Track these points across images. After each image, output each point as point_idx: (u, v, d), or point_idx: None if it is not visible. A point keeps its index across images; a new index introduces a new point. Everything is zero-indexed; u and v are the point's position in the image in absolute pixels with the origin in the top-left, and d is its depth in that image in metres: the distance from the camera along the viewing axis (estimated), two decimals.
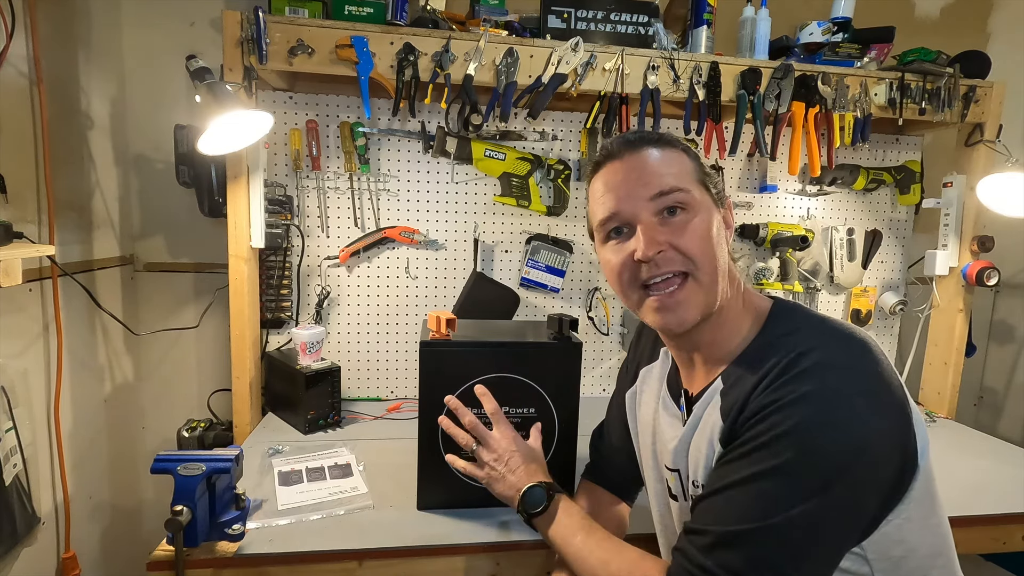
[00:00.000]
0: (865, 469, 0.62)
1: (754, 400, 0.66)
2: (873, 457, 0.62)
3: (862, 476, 0.62)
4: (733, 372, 0.73)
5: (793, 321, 0.73)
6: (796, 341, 0.68)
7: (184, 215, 1.69)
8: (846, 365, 0.64)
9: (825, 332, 0.69)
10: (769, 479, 0.62)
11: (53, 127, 1.34)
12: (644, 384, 0.93)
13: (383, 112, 1.61)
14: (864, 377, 0.64)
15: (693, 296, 0.72)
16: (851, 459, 0.61)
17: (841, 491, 0.61)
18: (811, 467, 0.61)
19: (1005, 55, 1.87)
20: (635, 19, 1.50)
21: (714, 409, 0.72)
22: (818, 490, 0.60)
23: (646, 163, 0.74)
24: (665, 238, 0.71)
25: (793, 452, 0.61)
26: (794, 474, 0.61)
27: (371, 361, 1.71)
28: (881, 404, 0.63)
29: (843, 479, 0.61)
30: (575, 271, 1.77)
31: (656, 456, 0.87)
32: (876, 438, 0.62)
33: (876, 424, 0.62)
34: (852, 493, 0.62)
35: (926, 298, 1.81)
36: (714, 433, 0.71)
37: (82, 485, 1.51)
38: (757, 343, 0.73)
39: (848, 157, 1.82)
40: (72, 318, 1.45)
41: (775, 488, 0.61)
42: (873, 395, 0.63)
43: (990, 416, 2.22)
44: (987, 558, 1.62)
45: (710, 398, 0.74)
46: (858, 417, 0.61)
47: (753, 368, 0.69)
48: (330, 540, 0.98)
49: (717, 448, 0.70)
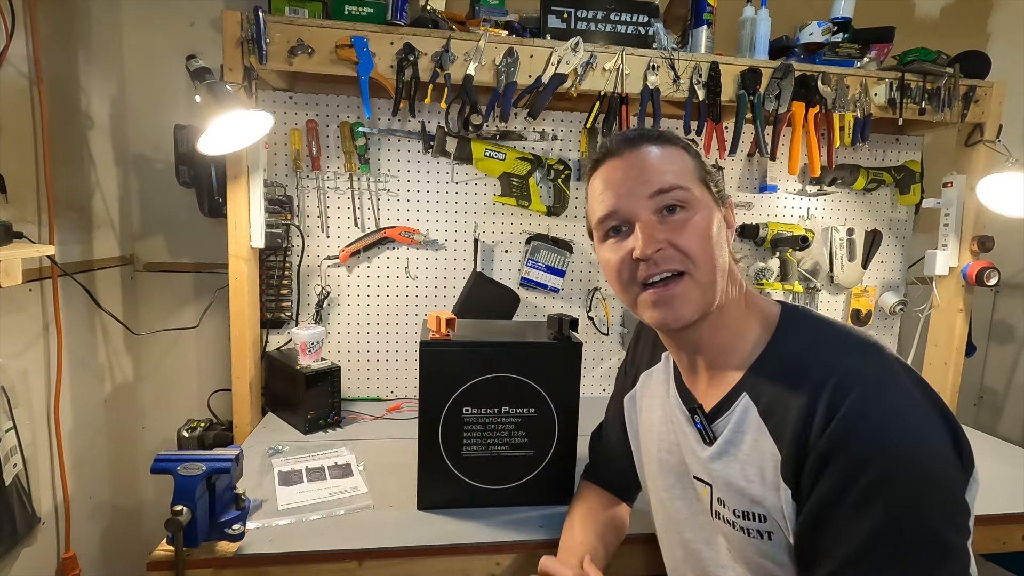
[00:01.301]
0: (953, 469, 0.62)
1: (820, 439, 0.62)
2: (949, 455, 0.62)
3: (955, 476, 0.62)
4: (758, 388, 0.71)
5: (809, 330, 0.72)
6: (827, 360, 0.66)
7: (184, 215, 1.69)
8: (889, 378, 0.64)
9: (848, 345, 0.68)
10: (899, 528, 0.59)
11: (53, 127, 1.34)
12: (645, 389, 0.92)
13: (383, 112, 1.61)
14: (906, 383, 0.64)
15: (690, 292, 0.70)
16: (944, 466, 0.61)
17: (950, 499, 0.61)
18: (923, 493, 0.59)
19: (1005, 55, 1.87)
20: (635, 19, 1.50)
21: (759, 436, 0.69)
22: (942, 509, 0.59)
23: (646, 160, 0.73)
24: (664, 236, 0.70)
25: (900, 487, 0.59)
26: (915, 508, 0.59)
27: (371, 361, 1.71)
28: (933, 403, 0.64)
29: (949, 487, 0.61)
30: (575, 271, 1.77)
31: (667, 463, 0.84)
32: (943, 437, 0.62)
33: (939, 424, 0.62)
34: (957, 496, 0.61)
35: (926, 298, 1.81)
36: (775, 465, 0.67)
37: (82, 485, 1.51)
38: (777, 354, 0.72)
39: (848, 157, 1.82)
40: (72, 318, 1.45)
41: (909, 531, 0.58)
42: (923, 398, 0.64)
43: (990, 416, 2.22)
44: (987, 558, 1.62)
45: (742, 419, 0.71)
46: (930, 423, 0.62)
47: (789, 387, 0.67)
48: (330, 540, 0.98)
49: (780, 483, 0.66)
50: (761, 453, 0.69)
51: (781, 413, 0.67)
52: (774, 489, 0.67)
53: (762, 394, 0.70)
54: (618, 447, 0.98)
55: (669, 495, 0.85)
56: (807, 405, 0.64)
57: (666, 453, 0.84)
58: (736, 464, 0.72)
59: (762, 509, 0.69)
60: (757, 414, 0.70)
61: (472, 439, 1.06)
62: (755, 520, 0.70)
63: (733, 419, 0.72)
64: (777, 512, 0.68)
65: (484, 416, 1.05)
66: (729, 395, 0.73)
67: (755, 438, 0.70)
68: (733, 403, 0.73)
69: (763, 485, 0.69)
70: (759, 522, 0.70)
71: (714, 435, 0.75)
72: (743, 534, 0.72)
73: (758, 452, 0.69)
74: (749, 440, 0.71)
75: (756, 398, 0.71)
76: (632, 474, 0.96)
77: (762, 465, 0.69)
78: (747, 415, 0.71)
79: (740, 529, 0.72)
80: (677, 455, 0.82)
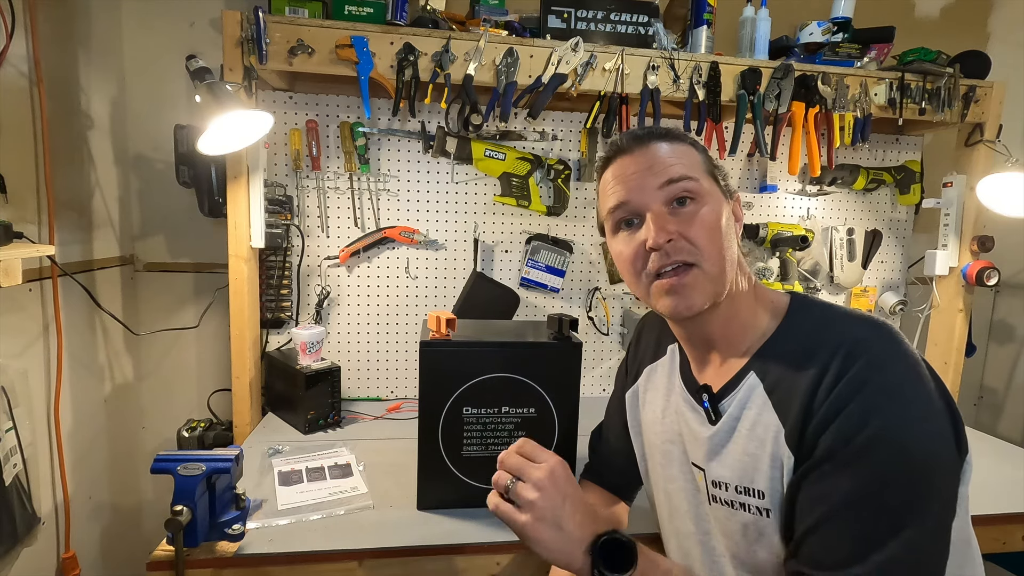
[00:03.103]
0: (947, 449, 0.63)
1: (824, 403, 0.63)
2: (946, 435, 0.63)
3: (947, 456, 0.63)
4: (766, 367, 0.72)
5: (820, 313, 0.73)
6: (837, 333, 0.67)
7: (184, 215, 1.69)
8: (898, 353, 0.65)
9: (859, 321, 0.69)
10: (880, 492, 0.60)
11: (53, 127, 1.34)
12: (648, 383, 0.92)
13: (383, 112, 1.61)
14: (914, 360, 0.65)
15: (700, 282, 0.71)
16: (939, 445, 0.62)
17: (938, 478, 0.62)
18: (913, 465, 0.60)
19: (1005, 55, 1.88)
20: (635, 19, 1.50)
21: (763, 410, 0.70)
22: (927, 484, 0.60)
23: (656, 154, 0.74)
24: (675, 227, 0.71)
25: (890, 454, 0.60)
26: (902, 478, 0.60)
27: (371, 361, 1.71)
28: (936, 384, 0.64)
29: (940, 467, 0.62)
30: (575, 271, 1.77)
31: (671, 454, 0.85)
32: (942, 417, 0.63)
33: (940, 404, 0.63)
34: (946, 477, 0.63)
35: (926, 298, 1.81)
36: (777, 436, 0.68)
37: (82, 485, 1.51)
38: (785, 336, 0.73)
39: (848, 157, 1.82)
40: (72, 318, 1.45)
41: (891, 498, 0.60)
42: (929, 377, 0.65)
43: (990, 416, 2.22)
44: (987, 558, 1.62)
45: (747, 396, 0.72)
46: (931, 401, 0.63)
47: (797, 364, 0.68)
48: (330, 540, 0.98)
49: (786, 453, 0.67)
50: (764, 426, 0.70)
51: (788, 387, 0.68)
52: (774, 461, 0.68)
53: (769, 372, 0.71)
54: (618, 446, 0.99)
55: (673, 487, 0.85)
56: (817, 374, 0.65)
57: (670, 444, 0.85)
58: (739, 439, 0.73)
59: (761, 485, 0.70)
60: (762, 389, 0.71)
61: (472, 439, 1.06)
62: (754, 496, 0.71)
63: (738, 396, 0.73)
64: (777, 483, 0.68)
65: (484, 416, 1.05)
66: (736, 376, 0.75)
67: (758, 412, 0.71)
68: (740, 382, 0.74)
69: (763, 458, 0.70)
70: (757, 499, 0.71)
71: (719, 414, 0.76)
72: (742, 511, 0.72)
73: (760, 425, 0.70)
74: (752, 415, 0.72)
75: (763, 376, 0.72)
76: (631, 473, 0.96)
77: (763, 438, 0.70)
78: (753, 392, 0.72)
79: (740, 506, 0.73)
80: (679, 445, 0.83)
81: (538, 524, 0.65)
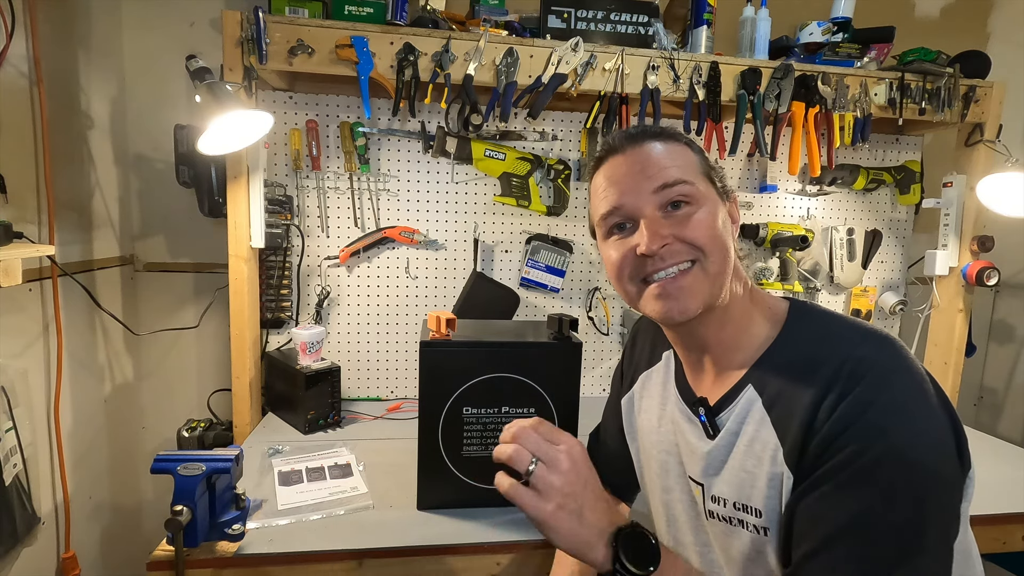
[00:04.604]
0: (951, 466, 0.62)
1: (827, 423, 0.61)
2: (950, 452, 0.62)
3: (952, 473, 0.62)
4: (764, 379, 0.70)
5: (820, 322, 0.71)
6: (839, 349, 0.65)
7: (184, 215, 1.69)
8: (901, 369, 0.63)
9: (861, 334, 0.67)
10: (884, 514, 0.58)
11: (53, 127, 1.34)
12: (644, 389, 0.91)
13: (383, 112, 1.61)
14: (919, 376, 0.63)
15: (697, 284, 0.69)
16: (943, 465, 0.61)
17: (944, 497, 0.61)
18: (918, 485, 0.59)
19: (1005, 55, 1.87)
20: (635, 19, 1.50)
21: (761, 426, 0.68)
22: (933, 504, 0.59)
23: (649, 156, 0.72)
24: (669, 231, 0.69)
25: (894, 473, 0.59)
26: (907, 500, 0.59)
27: (371, 361, 1.71)
28: (939, 399, 0.63)
29: (945, 487, 0.61)
30: (575, 271, 1.77)
31: (668, 464, 0.83)
32: (947, 434, 0.62)
33: (944, 420, 0.62)
34: (951, 495, 0.62)
35: (926, 298, 1.81)
36: (775, 454, 0.66)
37: (82, 485, 1.51)
38: (783, 347, 0.71)
39: (848, 157, 1.82)
40: (72, 318, 1.45)
41: (896, 520, 0.58)
42: (933, 392, 0.63)
43: (990, 416, 2.22)
44: (987, 558, 1.62)
45: (745, 410, 0.70)
46: (935, 417, 0.61)
47: (797, 379, 0.66)
48: (330, 540, 0.98)
49: (785, 472, 0.65)
50: (762, 444, 0.68)
51: (787, 404, 0.66)
52: (771, 479, 0.67)
53: (768, 386, 0.69)
54: (616, 449, 0.98)
55: (670, 497, 0.84)
56: (818, 393, 0.63)
57: (666, 455, 0.84)
58: (737, 455, 0.71)
59: (757, 503, 0.69)
60: (761, 405, 0.69)
61: (472, 439, 1.06)
62: (751, 514, 0.70)
63: (736, 411, 0.72)
64: (775, 502, 0.67)
65: (484, 416, 1.06)
66: (734, 388, 0.73)
67: (756, 428, 0.69)
68: (737, 396, 0.72)
69: (761, 476, 0.68)
70: (754, 516, 0.69)
71: (717, 429, 0.74)
72: (740, 528, 0.71)
73: (759, 442, 0.69)
74: (750, 431, 0.70)
75: (761, 390, 0.70)
76: (630, 475, 0.96)
77: (761, 456, 0.68)
78: (751, 406, 0.70)
79: (737, 523, 0.71)
80: (676, 456, 0.82)
81: (560, 512, 0.61)
